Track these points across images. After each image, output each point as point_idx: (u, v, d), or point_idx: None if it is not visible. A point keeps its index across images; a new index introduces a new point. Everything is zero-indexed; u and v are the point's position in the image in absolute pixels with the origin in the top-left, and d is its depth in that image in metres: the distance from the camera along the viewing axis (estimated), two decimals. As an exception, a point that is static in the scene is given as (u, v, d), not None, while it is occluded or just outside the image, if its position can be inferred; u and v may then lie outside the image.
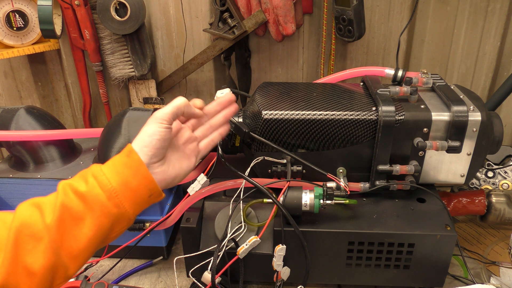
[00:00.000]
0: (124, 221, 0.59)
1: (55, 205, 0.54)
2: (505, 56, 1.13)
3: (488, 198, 0.91)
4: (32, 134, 0.90)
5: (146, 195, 0.59)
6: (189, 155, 0.67)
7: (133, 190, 0.58)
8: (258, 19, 1.06)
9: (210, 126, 0.70)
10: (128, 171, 0.58)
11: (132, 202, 0.58)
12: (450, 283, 0.85)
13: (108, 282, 0.79)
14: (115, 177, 0.57)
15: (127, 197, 0.57)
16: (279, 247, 0.76)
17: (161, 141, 0.60)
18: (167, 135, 0.61)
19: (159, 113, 0.61)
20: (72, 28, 1.10)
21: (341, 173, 0.82)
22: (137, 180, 0.58)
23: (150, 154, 0.59)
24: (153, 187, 0.60)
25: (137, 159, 0.58)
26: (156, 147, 0.60)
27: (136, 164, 0.58)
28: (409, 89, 0.80)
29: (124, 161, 0.58)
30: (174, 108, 0.62)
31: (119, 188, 0.57)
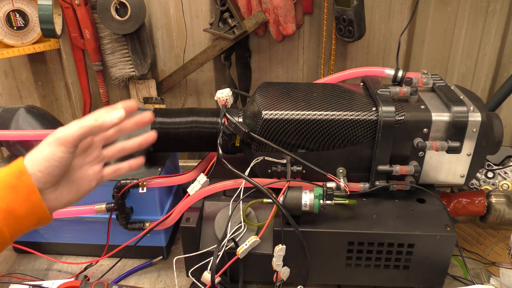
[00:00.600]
0: (2, 245, 0.51)
1: None
2: (505, 57, 1.13)
3: (488, 199, 0.91)
4: (32, 134, 0.90)
5: (34, 222, 0.52)
6: (91, 178, 0.59)
7: (18, 218, 0.50)
8: (258, 19, 1.06)
9: (122, 149, 0.62)
10: (16, 197, 0.49)
11: (14, 229, 0.50)
12: (450, 284, 0.85)
13: (108, 281, 0.79)
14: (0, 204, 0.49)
15: (9, 225, 0.49)
16: (279, 247, 0.76)
17: (59, 167, 0.52)
18: (67, 161, 0.52)
19: (62, 133, 0.52)
20: (72, 27, 1.10)
21: (341, 173, 0.82)
22: (25, 208, 0.50)
23: (44, 181, 0.51)
24: (43, 215, 0.52)
25: (29, 184, 0.50)
26: (52, 174, 0.52)
27: (27, 190, 0.50)
28: (409, 90, 0.80)
29: (13, 184, 0.49)
30: (81, 129, 0.52)
31: (1, 216, 0.49)
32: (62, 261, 0.94)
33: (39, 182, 0.51)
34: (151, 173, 0.89)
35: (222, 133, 0.82)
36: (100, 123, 0.53)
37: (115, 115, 0.54)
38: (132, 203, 0.88)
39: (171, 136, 0.86)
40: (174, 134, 0.86)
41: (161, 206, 0.90)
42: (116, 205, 0.84)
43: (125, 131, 0.60)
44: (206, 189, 0.82)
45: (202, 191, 0.82)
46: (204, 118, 0.86)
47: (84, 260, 0.93)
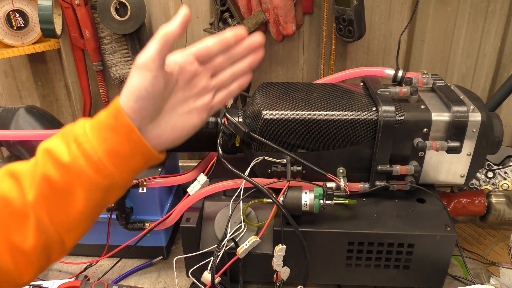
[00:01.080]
0: (119, 189, 0.51)
1: (34, 178, 0.47)
2: (505, 57, 1.13)
3: (488, 199, 0.91)
4: (32, 134, 0.90)
5: (141, 161, 0.50)
6: (200, 109, 0.54)
7: (124, 158, 0.48)
8: (258, 19, 1.06)
9: (232, 74, 0.55)
10: (116, 138, 0.48)
11: (124, 171, 0.49)
12: (450, 284, 0.85)
13: (108, 282, 0.79)
14: (102, 145, 0.47)
15: (117, 166, 0.48)
16: (279, 247, 0.76)
17: (149, 98, 0.48)
18: (157, 89, 0.48)
19: (140, 57, 0.48)
20: (72, 27, 1.10)
21: (341, 173, 0.82)
22: (128, 148, 0.48)
23: (139, 117, 0.48)
24: (148, 153, 0.50)
25: (127, 123, 0.47)
26: (144, 107, 0.48)
27: (125, 129, 0.48)
28: (409, 90, 0.80)
29: (112, 125, 0.48)
30: (157, 45, 0.48)
31: (107, 158, 0.47)
32: (62, 261, 0.93)
33: (135, 119, 0.48)
34: (151, 173, 0.89)
35: (222, 133, 0.82)
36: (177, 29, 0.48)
37: (215, 40, 0.51)
38: (132, 203, 0.88)
39: (171, 136, 0.86)
40: (174, 134, 0.86)
41: (161, 206, 0.90)
42: (116, 205, 0.84)
43: (236, 57, 0.54)
44: (206, 189, 0.82)
45: (202, 191, 0.82)
46: (204, 118, 0.86)
47: (84, 260, 0.93)
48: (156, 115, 0.51)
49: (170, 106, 0.52)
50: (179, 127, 0.53)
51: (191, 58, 0.52)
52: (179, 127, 0.53)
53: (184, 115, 0.53)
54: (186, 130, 0.54)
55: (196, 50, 0.52)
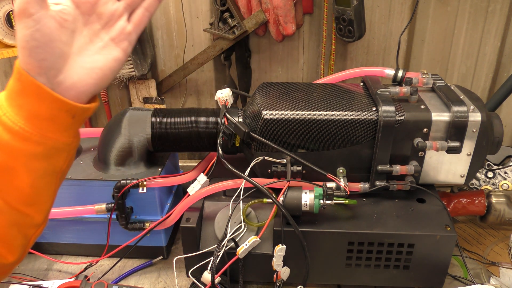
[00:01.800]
0: (61, 152, 0.47)
1: None
2: (505, 57, 1.13)
3: (488, 199, 0.91)
4: (32, 134, 0.90)
5: (68, 117, 0.46)
6: (117, 39, 0.48)
7: (46, 119, 0.45)
8: (258, 19, 1.06)
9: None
10: (29, 101, 0.44)
11: (53, 131, 0.45)
12: (450, 284, 0.85)
13: (108, 282, 0.79)
14: (19, 112, 0.44)
15: (43, 129, 0.45)
16: (279, 247, 0.76)
17: (41, 44, 0.43)
18: (46, 30, 0.43)
19: (17, 3, 0.41)
20: (72, 27, 1.10)
21: (341, 173, 0.82)
22: (45, 107, 0.44)
23: (42, 70, 0.43)
24: (71, 107, 0.45)
25: (31, 82, 0.43)
26: (42, 56, 0.43)
27: (33, 89, 0.43)
28: (409, 90, 0.80)
29: (19, 89, 0.44)
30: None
31: (29, 124, 0.44)
32: (62, 261, 0.94)
33: (39, 74, 0.43)
34: (151, 173, 0.89)
35: (222, 133, 0.82)
36: None
37: None
38: (132, 203, 0.88)
39: (171, 136, 0.86)
40: (174, 134, 0.86)
41: (161, 206, 0.90)
42: (116, 205, 0.84)
43: None
44: (206, 189, 0.82)
45: (202, 191, 0.82)
46: (204, 118, 0.86)
47: (84, 260, 0.93)
48: (63, 63, 0.45)
49: (78, 47, 0.47)
50: (98, 66, 0.47)
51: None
52: (97, 67, 0.47)
53: (99, 51, 0.48)
54: (108, 67, 0.48)
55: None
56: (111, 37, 0.48)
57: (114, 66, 0.48)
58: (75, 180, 0.87)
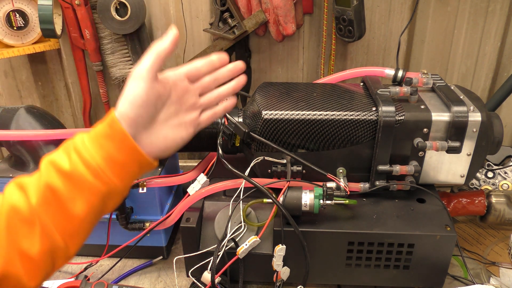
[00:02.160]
0: (117, 196, 0.54)
1: (39, 187, 0.50)
2: (505, 57, 1.13)
3: (488, 199, 0.91)
4: (32, 134, 0.90)
5: (136, 167, 0.54)
6: (189, 124, 0.59)
7: (120, 165, 0.52)
8: (258, 19, 1.06)
9: (218, 95, 0.62)
10: (112, 145, 0.51)
11: (121, 177, 0.53)
12: (450, 284, 0.85)
13: (108, 282, 0.79)
14: (99, 152, 0.51)
15: (115, 173, 0.52)
16: (279, 247, 0.76)
17: (144, 107, 0.53)
18: (151, 95, 0.53)
19: (137, 68, 0.53)
20: (72, 27, 1.10)
21: (341, 173, 0.82)
22: (123, 154, 0.52)
23: (134, 124, 0.52)
24: (143, 159, 0.54)
25: (120, 131, 0.51)
26: (139, 114, 0.52)
27: (120, 136, 0.52)
28: (409, 90, 0.80)
29: (107, 133, 0.52)
30: (153, 58, 0.53)
31: (104, 164, 0.51)
32: (62, 261, 0.93)
33: (130, 127, 0.52)
34: (151, 173, 0.89)
35: (222, 133, 0.82)
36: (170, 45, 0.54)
37: (207, 60, 0.60)
38: (132, 203, 0.88)
39: (171, 136, 0.86)
40: (174, 134, 0.86)
41: (161, 206, 0.90)
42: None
43: (221, 79, 0.62)
44: (206, 189, 0.82)
45: (202, 191, 0.82)
46: (204, 118, 0.86)
47: (84, 260, 0.93)
48: (150, 124, 0.55)
49: (163, 117, 0.57)
50: (170, 138, 0.57)
51: (182, 75, 0.58)
52: (170, 137, 0.57)
53: (175, 127, 0.58)
54: (175, 141, 0.58)
55: (187, 69, 0.59)
56: (185, 121, 0.59)
57: (178, 142, 0.59)
58: (75, 180, 0.87)
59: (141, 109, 0.53)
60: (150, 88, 0.53)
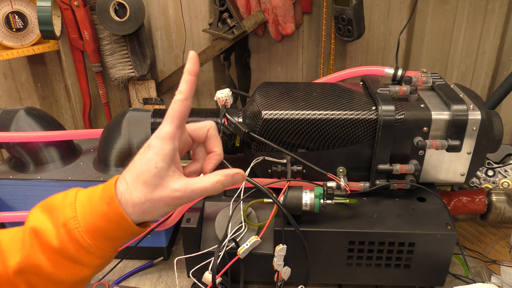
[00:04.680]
0: (108, 262, 0.51)
1: (22, 255, 0.46)
2: (504, 55, 1.13)
3: (488, 197, 0.91)
4: (32, 135, 0.90)
5: (130, 238, 0.51)
6: None
7: (115, 240, 0.49)
8: (257, 19, 1.06)
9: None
10: (108, 225, 0.47)
11: (116, 247, 0.50)
12: (451, 282, 0.85)
13: (109, 282, 0.79)
14: (93, 232, 0.47)
15: (108, 247, 0.48)
16: (280, 247, 0.76)
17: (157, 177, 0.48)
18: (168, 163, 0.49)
19: (162, 131, 0.48)
20: (71, 29, 1.10)
21: (341, 172, 0.82)
22: (119, 233, 0.48)
23: (136, 205, 0.47)
24: (138, 232, 0.50)
25: (120, 213, 0.46)
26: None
27: (118, 218, 0.47)
28: (409, 88, 0.80)
29: (104, 212, 0.47)
30: (177, 119, 0.49)
31: (97, 242, 0.47)
32: (63, 262, 0.93)
33: (126, 204, 0.47)
34: (151, 174, 0.89)
35: (222, 133, 0.82)
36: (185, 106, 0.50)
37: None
38: (133, 204, 0.88)
39: (171, 136, 0.86)
40: (174, 135, 0.86)
41: (161, 207, 0.90)
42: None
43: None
44: (206, 189, 0.82)
45: (202, 191, 0.82)
46: (204, 119, 0.86)
47: (85, 261, 0.93)
48: None
49: None
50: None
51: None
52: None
53: None
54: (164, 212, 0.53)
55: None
56: None
57: (167, 212, 0.51)
58: (75, 181, 0.87)
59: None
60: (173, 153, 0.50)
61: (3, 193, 0.90)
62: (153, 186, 0.47)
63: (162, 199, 0.47)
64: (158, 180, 0.47)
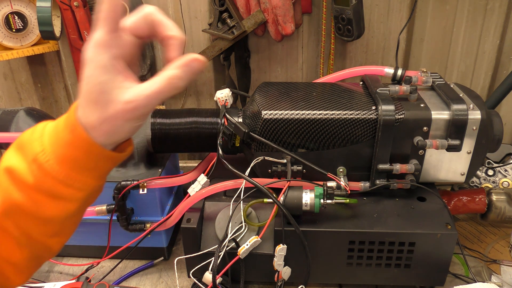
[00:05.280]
0: (99, 191, 0.49)
1: (2, 203, 0.44)
2: (504, 54, 1.13)
3: (488, 197, 0.91)
4: (32, 136, 0.90)
5: (110, 165, 0.47)
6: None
7: (91, 169, 0.45)
8: (257, 19, 1.06)
9: None
10: (78, 153, 0.44)
11: (98, 177, 0.46)
12: (451, 282, 0.85)
13: (109, 283, 0.79)
14: (64, 164, 0.44)
15: (88, 177, 0.45)
16: (280, 247, 0.76)
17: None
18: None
19: (94, 40, 0.42)
20: (71, 29, 1.10)
21: (341, 172, 0.82)
22: (93, 161, 0.45)
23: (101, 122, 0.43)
24: (116, 157, 0.47)
25: (85, 138, 0.43)
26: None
27: (84, 144, 0.44)
28: (409, 88, 0.80)
29: (69, 140, 0.44)
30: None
31: (73, 174, 0.44)
32: (63, 263, 0.94)
33: (93, 128, 0.44)
34: (151, 174, 0.89)
35: (222, 133, 0.82)
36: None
37: None
38: (133, 204, 0.88)
39: (171, 137, 0.86)
40: (174, 135, 0.86)
41: (161, 207, 0.90)
42: (116, 206, 0.84)
43: None
44: (206, 189, 0.82)
45: (202, 191, 0.82)
46: (204, 119, 0.86)
47: (85, 261, 0.93)
48: None
49: None
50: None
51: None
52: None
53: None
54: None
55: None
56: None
57: (133, 128, 0.46)
58: (75, 181, 0.87)
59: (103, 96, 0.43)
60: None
61: (3, 194, 0.90)
62: (104, 104, 0.42)
63: (118, 115, 0.43)
64: (106, 96, 0.42)
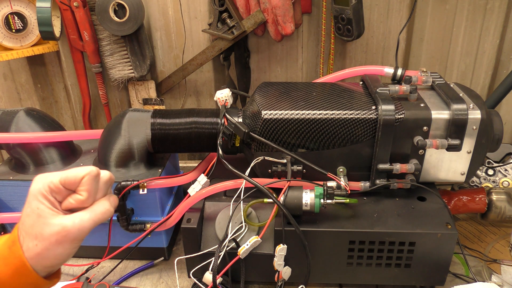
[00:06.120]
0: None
1: None
2: (504, 54, 1.13)
3: (488, 196, 0.91)
4: (32, 136, 0.90)
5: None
6: None
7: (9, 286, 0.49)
8: (257, 19, 1.06)
9: None
10: (5, 269, 0.47)
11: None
12: (452, 281, 0.85)
13: (110, 283, 0.79)
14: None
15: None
16: (280, 247, 0.76)
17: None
18: None
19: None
20: (71, 29, 1.10)
21: (341, 172, 0.82)
22: (17, 281, 0.48)
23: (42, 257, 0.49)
24: (42, 283, 0.51)
25: (18, 256, 0.47)
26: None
27: (17, 263, 0.47)
28: (409, 88, 0.80)
29: (4, 255, 0.47)
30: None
31: None
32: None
33: (26, 252, 0.48)
34: (151, 174, 0.89)
35: (222, 133, 0.82)
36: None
37: None
38: (133, 205, 0.88)
39: (171, 137, 0.86)
40: (174, 135, 0.86)
41: (161, 207, 0.90)
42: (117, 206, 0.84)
43: None
44: (206, 189, 0.82)
45: (202, 191, 0.82)
46: (204, 119, 0.86)
47: (86, 262, 0.93)
48: None
49: None
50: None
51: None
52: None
53: None
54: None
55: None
56: None
57: (65, 254, 0.53)
58: (75, 182, 0.87)
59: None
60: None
61: (3, 194, 0.90)
62: (41, 226, 0.48)
63: (51, 238, 0.48)
64: (43, 220, 0.48)
